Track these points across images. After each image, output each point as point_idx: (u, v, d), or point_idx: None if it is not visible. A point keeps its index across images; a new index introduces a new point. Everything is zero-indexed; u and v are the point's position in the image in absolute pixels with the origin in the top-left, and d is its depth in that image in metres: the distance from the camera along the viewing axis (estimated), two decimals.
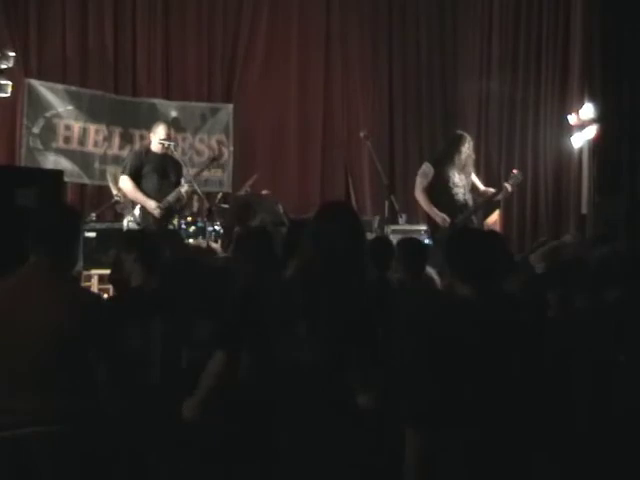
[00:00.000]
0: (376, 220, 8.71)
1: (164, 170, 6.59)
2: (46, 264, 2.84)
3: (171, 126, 7.21)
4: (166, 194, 6.53)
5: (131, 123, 9.31)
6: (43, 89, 8.87)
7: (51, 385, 2.72)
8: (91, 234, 7.34)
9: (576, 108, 7.55)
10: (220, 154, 9.46)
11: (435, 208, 6.65)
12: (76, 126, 9.04)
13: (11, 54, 7.80)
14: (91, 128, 9.12)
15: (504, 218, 8.10)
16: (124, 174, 6.63)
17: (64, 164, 8.77)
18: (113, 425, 2.90)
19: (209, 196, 8.08)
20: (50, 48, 9.03)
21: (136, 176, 6.54)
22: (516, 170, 7.08)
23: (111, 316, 2.99)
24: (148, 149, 6.73)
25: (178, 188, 6.57)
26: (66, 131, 8.99)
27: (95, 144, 9.15)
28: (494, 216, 7.67)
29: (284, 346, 2.53)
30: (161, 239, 4.92)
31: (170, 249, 4.51)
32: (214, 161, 8.33)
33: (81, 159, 9.05)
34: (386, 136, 10.14)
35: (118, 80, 9.38)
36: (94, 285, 6.95)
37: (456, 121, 9.54)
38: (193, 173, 7.01)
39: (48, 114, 8.86)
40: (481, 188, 6.91)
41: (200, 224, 7.23)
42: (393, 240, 4.94)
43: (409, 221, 8.74)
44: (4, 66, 7.71)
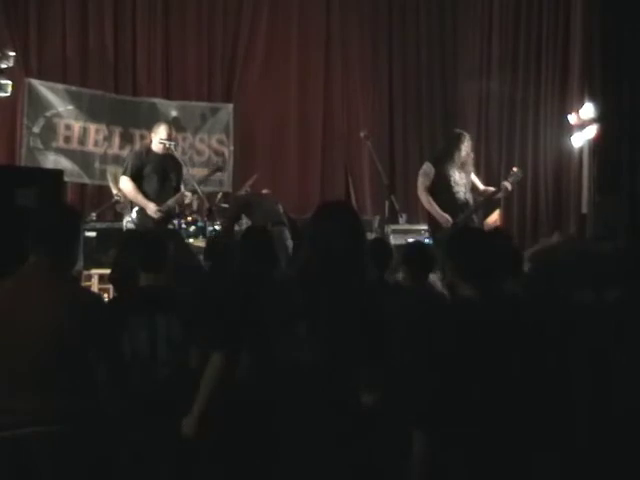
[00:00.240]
0: (376, 220, 8.72)
1: (164, 171, 6.53)
2: (46, 264, 2.83)
3: (172, 126, 7.19)
4: (166, 196, 6.45)
5: (131, 123, 9.32)
6: (43, 89, 8.89)
7: (51, 385, 2.72)
8: (91, 234, 7.35)
9: (576, 108, 7.53)
10: (224, 164, 9.42)
11: (438, 208, 6.62)
12: (76, 126, 9.05)
13: (11, 54, 7.81)
14: (91, 128, 9.13)
15: (504, 218, 8.07)
16: (125, 175, 6.52)
17: (64, 164, 8.77)
18: (113, 425, 2.90)
19: (209, 196, 8.05)
20: (50, 48, 9.04)
21: (137, 177, 6.48)
22: (516, 168, 7.06)
23: (111, 316, 3.00)
24: (149, 149, 6.67)
25: (179, 193, 6.51)
26: (66, 131, 9.00)
27: (95, 144, 9.16)
28: (494, 216, 7.64)
29: (284, 346, 2.53)
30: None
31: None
32: (217, 171, 8.18)
33: (81, 159, 9.06)
34: (386, 136, 10.15)
35: (118, 80, 9.40)
36: (94, 285, 6.96)
37: (456, 121, 9.53)
38: (196, 180, 6.90)
39: (48, 114, 8.88)
40: (481, 187, 6.89)
41: (200, 224, 7.22)
42: (393, 241, 4.94)
43: (409, 221, 8.74)
44: (4, 66, 7.72)
